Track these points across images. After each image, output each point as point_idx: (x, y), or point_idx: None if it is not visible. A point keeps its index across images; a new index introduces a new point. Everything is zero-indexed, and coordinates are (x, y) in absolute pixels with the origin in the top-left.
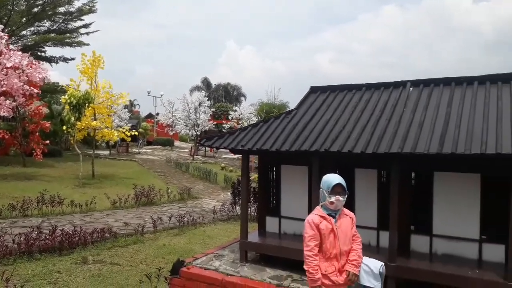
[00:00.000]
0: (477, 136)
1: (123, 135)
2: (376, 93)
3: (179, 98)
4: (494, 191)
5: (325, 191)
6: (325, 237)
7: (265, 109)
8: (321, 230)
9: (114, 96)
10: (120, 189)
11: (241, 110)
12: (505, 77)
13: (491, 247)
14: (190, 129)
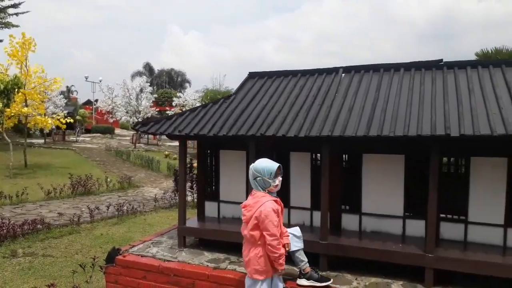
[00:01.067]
0: (401, 119)
1: (58, 123)
2: (311, 79)
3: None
4: (416, 171)
5: (266, 177)
6: (279, 219)
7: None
8: (279, 214)
9: (48, 82)
10: (55, 179)
11: (185, 97)
12: (427, 64)
13: (413, 223)
14: (131, 116)
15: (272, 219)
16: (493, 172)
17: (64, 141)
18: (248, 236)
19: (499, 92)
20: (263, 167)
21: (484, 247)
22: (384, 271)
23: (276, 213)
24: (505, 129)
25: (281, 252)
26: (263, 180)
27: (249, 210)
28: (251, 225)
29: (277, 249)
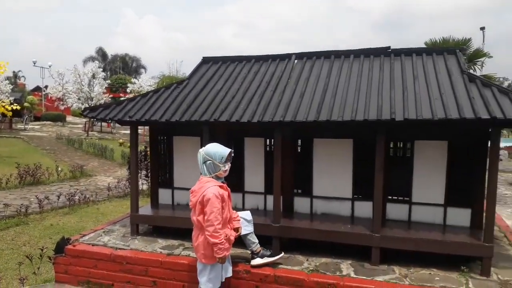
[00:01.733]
0: (349, 105)
1: (3, 110)
2: (265, 65)
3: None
4: (363, 154)
5: (217, 162)
6: (226, 205)
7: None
8: (224, 199)
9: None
10: (1, 168)
11: (140, 83)
12: (376, 52)
13: (361, 205)
14: (83, 102)
15: (215, 205)
16: (435, 155)
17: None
18: (195, 222)
19: (441, 79)
20: (215, 152)
21: (427, 225)
22: (334, 252)
23: (219, 199)
24: (445, 114)
25: (216, 241)
26: (214, 165)
27: (195, 196)
28: (197, 210)
29: (213, 236)
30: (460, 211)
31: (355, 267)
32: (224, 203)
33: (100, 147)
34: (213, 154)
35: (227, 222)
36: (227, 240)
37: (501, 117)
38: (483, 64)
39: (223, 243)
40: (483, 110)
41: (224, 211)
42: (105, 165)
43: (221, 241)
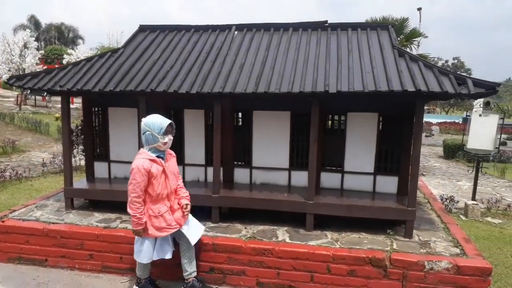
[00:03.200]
0: (286, 77)
1: None
2: (204, 35)
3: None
4: (300, 126)
5: (155, 133)
6: (156, 180)
7: None
8: (152, 174)
9: None
10: None
11: (77, 54)
12: (314, 25)
13: (298, 174)
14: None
15: (135, 177)
16: (366, 126)
17: None
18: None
19: (373, 53)
20: (153, 122)
21: (358, 193)
22: (271, 219)
23: (142, 172)
24: (375, 86)
25: (131, 212)
26: (152, 135)
27: (131, 168)
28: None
29: (129, 207)
30: (388, 179)
31: (290, 233)
32: (154, 178)
33: (34, 121)
34: (152, 124)
35: (163, 198)
36: (154, 217)
37: (425, 90)
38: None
39: (136, 216)
40: (409, 83)
41: (154, 187)
42: (40, 140)
43: (135, 214)
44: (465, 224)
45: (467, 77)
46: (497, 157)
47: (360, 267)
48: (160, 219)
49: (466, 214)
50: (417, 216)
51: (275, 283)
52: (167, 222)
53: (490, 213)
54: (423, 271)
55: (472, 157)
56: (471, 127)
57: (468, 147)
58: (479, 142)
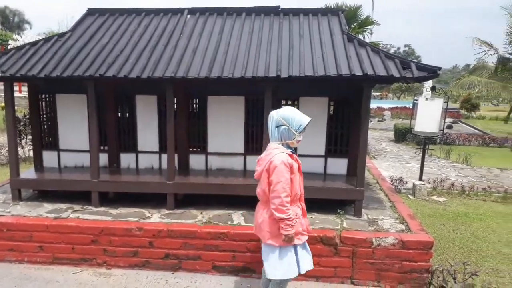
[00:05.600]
0: (239, 62)
1: None
2: (156, 19)
3: None
4: (254, 111)
5: (293, 129)
6: (295, 177)
7: None
8: (293, 170)
9: None
10: None
11: (24, 40)
12: (266, 10)
13: (253, 159)
14: None
15: (283, 174)
16: (317, 111)
17: None
18: (260, 194)
19: (323, 38)
20: (293, 117)
21: (311, 175)
22: (228, 204)
23: (288, 168)
24: (324, 71)
25: (283, 216)
26: (288, 131)
27: (260, 165)
28: (262, 181)
29: (279, 210)
30: (338, 161)
31: (246, 217)
32: (293, 175)
33: None
34: (291, 119)
35: (297, 198)
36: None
37: (372, 74)
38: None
39: (291, 218)
40: (357, 67)
41: (294, 185)
42: None
43: (289, 216)
44: (413, 203)
45: (411, 61)
46: (443, 140)
47: (312, 245)
48: (297, 223)
49: (414, 193)
50: (366, 196)
51: (230, 265)
52: (303, 226)
53: (436, 192)
54: (371, 248)
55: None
56: (418, 111)
57: (415, 130)
58: (425, 125)
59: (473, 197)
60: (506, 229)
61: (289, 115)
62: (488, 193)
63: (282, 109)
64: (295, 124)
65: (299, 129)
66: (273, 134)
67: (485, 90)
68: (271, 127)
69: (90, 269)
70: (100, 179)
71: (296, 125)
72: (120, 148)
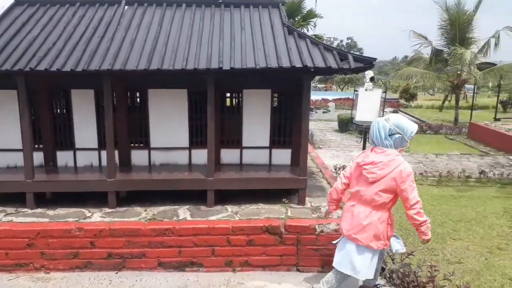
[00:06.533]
0: (180, 54)
1: None
2: (91, 9)
3: None
4: (198, 104)
5: (406, 137)
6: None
7: None
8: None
9: None
10: None
11: None
12: (207, 2)
13: (198, 152)
14: None
15: (413, 181)
16: (260, 103)
17: None
18: (374, 197)
19: (264, 30)
20: (406, 126)
21: (256, 166)
22: (173, 199)
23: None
24: (266, 63)
25: (425, 219)
26: (402, 139)
27: (382, 169)
28: (383, 185)
29: (421, 214)
30: (282, 151)
31: (192, 211)
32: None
33: None
34: (405, 128)
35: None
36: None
37: (311, 65)
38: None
39: (428, 221)
40: (297, 59)
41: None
42: None
43: (426, 219)
44: None
45: (348, 52)
46: None
47: (258, 236)
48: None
49: None
50: (310, 184)
51: (177, 261)
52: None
53: None
54: (315, 234)
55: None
56: (358, 101)
57: (356, 120)
58: (365, 114)
59: None
60: (440, 210)
61: (402, 123)
62: (425, 177)
63: (393, 117)
64: (408, 132)
65: (411, 136)
66: (384, 141)
67: (422, 80)
68: (381, 135)
69: (26, 275)
70: (35, 179)
71: (409, 133)
72: (56, 146)
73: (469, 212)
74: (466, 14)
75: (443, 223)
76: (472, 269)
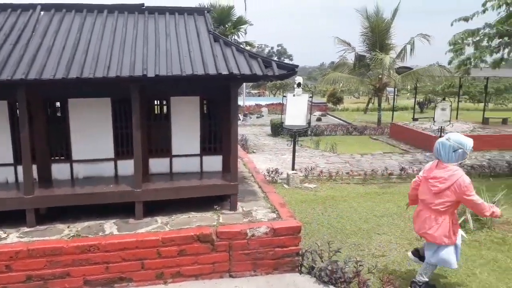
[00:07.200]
0: (102, 61)
1: None
2: (3, 15)
3: None
4: (123, 113)
5: (467, 151)
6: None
7: None
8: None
9: None
10: None
11: None
12: (131, 8)
13: (125, 163)
14: None
15: (472, 188)
16: (189, 110)
17: None
18: (437, 205)
19: (190, 37)
20: (466, 142)
21: (187, 175)
22: (99, 214)
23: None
24: (192, 70)
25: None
26: (463, 153)
27: (443, 182)
28: (444, 196)
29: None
30: (213, 158)
31: (119, 225)
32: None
33: None
34: (465, 144)
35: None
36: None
37: (237, 72)
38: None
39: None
40: (223, 66)
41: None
42: None
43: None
44: (287, 191)
45: (272, 60)
46: (313, 131)
47: (189, 245)
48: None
49: (288, 182)
50: (241, 189)
51: (104, 278)
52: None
53: (307, 180)
54: (246, 239)
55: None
56: (287, 106)
57: (285, 124)
58: (294, 119)
59: (339, 181)
60: (365, 207)
61: (463, 140)
62: (351, 176)
63: (453, 136)
64: (468, 146)
65: (470, 149)
66: (450, 157)
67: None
68: (448, 152)
69: None
70: None
71: (469, 147)
72: None
73: (391, 207)
74: (385, 22)
75: (368, 219)
76: (394, 261)
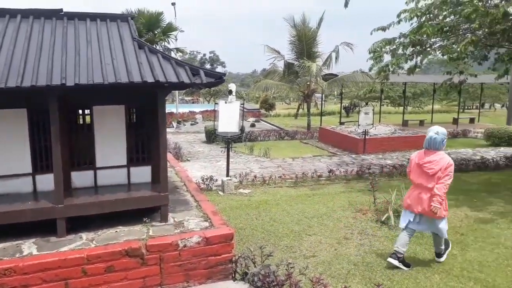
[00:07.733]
0: (15, 70)
1: None
2: None
3: None
4: (41, 124)
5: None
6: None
7: None
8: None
9: None
10: None
11: None
12: (47, 13)
13: (45, 178)
14: None
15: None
16: (114, 119)
17: None
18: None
19: (113, 44)
20: (445, 132)
21: (113, 187)
22: (17, 234)
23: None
24: (115, 78)
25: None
26: (444, 141)
27: (437, 164)
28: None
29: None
30: (142, 169)
31: (39, 244)
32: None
33: None
34: (445, 133)
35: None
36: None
37: (163, 80)
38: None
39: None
40: (149, 74)
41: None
42: None
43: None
44: (222, 198)
45: (200, 68)
46: (247, 137)
47: (118, 261)
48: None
49: (223, 189)
50: (173, 199)
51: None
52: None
53: (242, 185)
54: (178, 250)
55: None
56: (220, 113)
57: (218, 131)
58: (227, 126)
59: (272, 185)
60: (297, 209)
61: (444, 131)
62: (284, 180)
63: (440, 130)
64: (446, 135)
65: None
66: (440, 145)
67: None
68: (439, 143)
69: None
70: None
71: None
72: None
73: (321, 208)
74: (311, 31)
75: (300, 220)
76: (324, 261)
